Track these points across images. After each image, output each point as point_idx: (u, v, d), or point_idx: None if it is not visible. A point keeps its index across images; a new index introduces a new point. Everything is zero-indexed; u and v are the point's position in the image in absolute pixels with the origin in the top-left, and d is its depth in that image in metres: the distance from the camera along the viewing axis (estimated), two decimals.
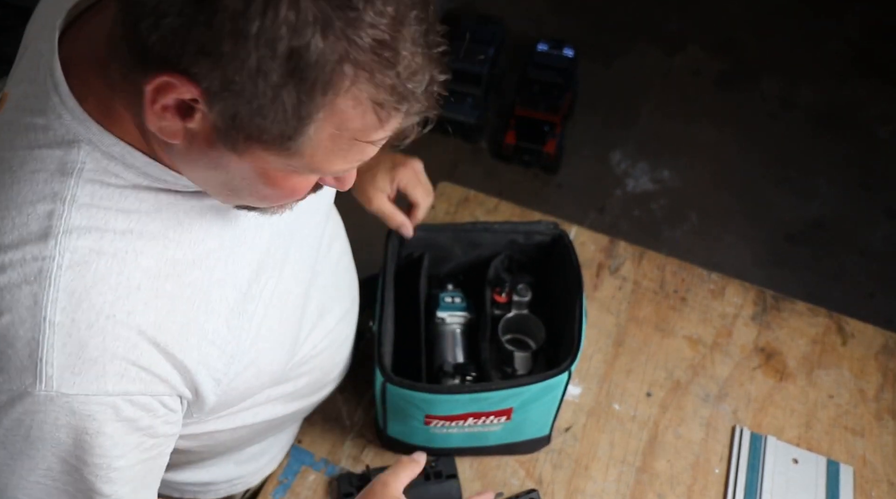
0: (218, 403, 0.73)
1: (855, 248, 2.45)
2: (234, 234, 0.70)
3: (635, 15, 3.12)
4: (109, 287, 0.60)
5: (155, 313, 0.63)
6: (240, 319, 0.70)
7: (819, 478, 1.07)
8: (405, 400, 0.94)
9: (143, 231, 0.63)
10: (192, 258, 0.66)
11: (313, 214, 0.84)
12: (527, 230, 1.09)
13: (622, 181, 2.60)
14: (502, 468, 1.06)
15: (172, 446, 0.73)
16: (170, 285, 0.64)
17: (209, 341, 0.68)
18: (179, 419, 0.71)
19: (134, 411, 0.63)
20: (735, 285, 1.28)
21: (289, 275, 0.77)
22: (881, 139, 2.75)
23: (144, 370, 0.63)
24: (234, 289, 0.70)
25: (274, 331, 0.75)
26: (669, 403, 1.14)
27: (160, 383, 0.65)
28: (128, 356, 0.61)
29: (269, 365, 0.77)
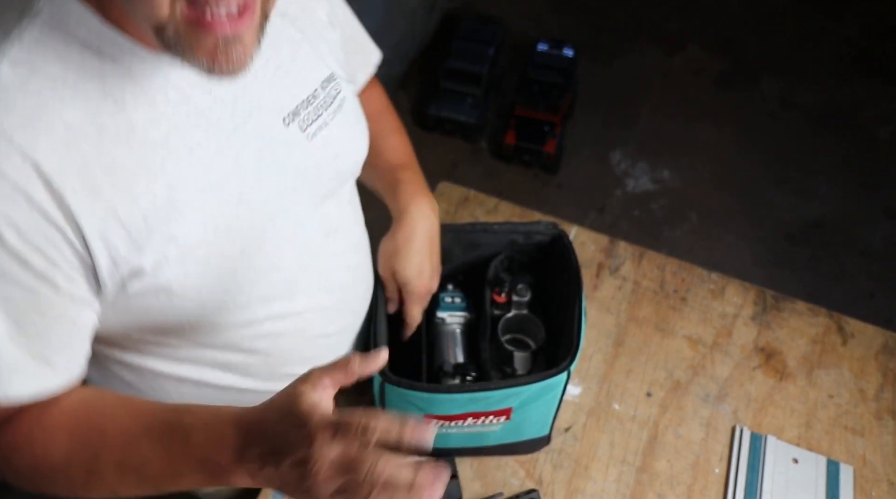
0: (118, 299, 0.70)
1: (855, 248, 2.45)
2: (184, 139, 0.69)
3: (635, 15, 3.12)
4: (19, 116, 0.61)
5: (59, 162, 0.62)
6: (162, 222, 0.68)
7: (819, 478, 1.07)
8: (404, 400, 0.94)
9: (78, 86, 0.63)
10: (126, 138, 0.65)
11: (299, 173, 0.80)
12: (526, 230, 1.09)
13: (622, 181, 2.60)
14: (502, 468, 1.06)
15: (86, 315, 0.69)
16: (88, 147, 0.63)
17: (118, 222, 0.66)
18: (85, 285, 0.67)
19: (22, 245, 0.62)
20: (735, 285, 1.28)
21: (244, 216, 0.75)
22: (881, 139, 2.75)
23: (36, 209, 0.62)
24: (166, 188, 0.68)
25: (209, 257, 0.72)
26: (669, 403, 1.14)
27: (55, 231, 0.63)
28: (18, 183, 0.61)
29: (196, 292, 0.73)
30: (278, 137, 0.77)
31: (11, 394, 0.67)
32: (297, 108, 0.79)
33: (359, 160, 0.90)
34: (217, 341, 0.84)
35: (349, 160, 0.88)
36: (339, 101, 0.84)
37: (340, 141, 0.85)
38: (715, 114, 2.79)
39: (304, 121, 0.80)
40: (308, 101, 0.80)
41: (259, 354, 0.88)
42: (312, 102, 0.81)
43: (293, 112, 0.79)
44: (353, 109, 0.88)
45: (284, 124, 0.78)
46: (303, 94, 0.80)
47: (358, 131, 0.89)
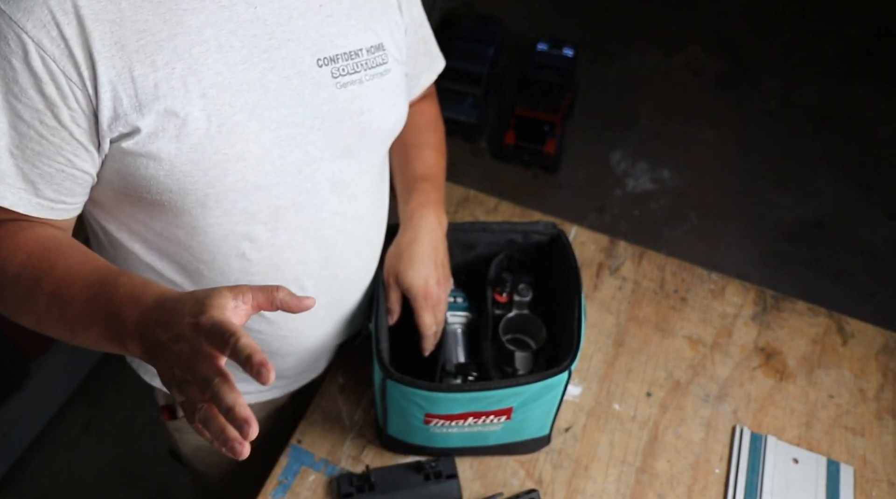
0: (111, 154, 0.74)
1: (855, 247, 2.45)
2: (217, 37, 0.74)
3: (635, 15, 3.12)
4: None
5: (99, 8, 0.69)
6: (171, 94, 0.72)
7: (819, 478, 1.07)
8: (405, 398, 0.94)
9: None
10: (165, 11, 0.71)
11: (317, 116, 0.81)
12: (525, 230, 1.09)
13: (622, 181, 2.60)
14: (502, 468, 1.06)
15: (83, 161, 0.74)
16: (127, 5, 0.70)
17: (131, 77, 0.71)
18: (87, 130, 0.72)
19: (43, 70, 0.69)
20: (735, 285, 1.28)
21: (252, 130, 0.77)
22: (881, 139, 2.75)
23: (64, 39, 0.68)
24: (186, 71, 0.73)
25: (206, 149, 0.75)
26: (669, 403, 1.14)
27: (73, 68, 0.69)
28: (55, 13, 0.68)
29: (183, 176, 0.76)
30: (308, 73, 0.80)
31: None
32: (335, 55, 0.82)
33: (385, 126, 0.89)
34: (191, 242, 0.84)
35: (374, 121, 0.87)
36: (382, 70, 0.86)
37: (370, 100, 0.86)
38: (715, 114, 2.79)
39: (339, 70, 0.83)
40: (350, 56, 0.83)
41: (227, 274, 0.87)
42: (354, 58, 0.83)
43: (330, 58, 0.82)
44: (395, 85, 0.89)
45: (318, 65, 0.81)
46: (345, 47, 0.83)
47: (392, 103, 0.89)
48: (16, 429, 1.87)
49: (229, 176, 0.78)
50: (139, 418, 2.00)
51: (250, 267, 0.87)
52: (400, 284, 1.00)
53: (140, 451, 1.96)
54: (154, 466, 1.93)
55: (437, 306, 1.02)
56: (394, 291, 1.01)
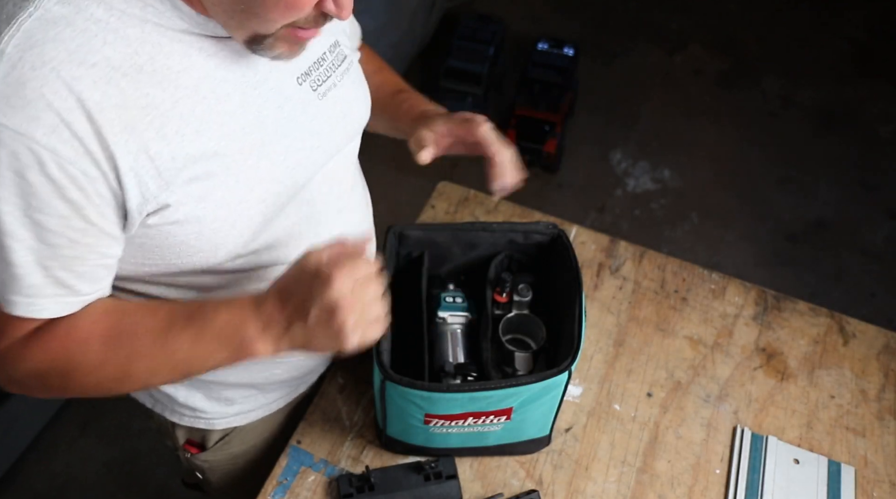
0: (146, 236, 0.74)
1: (856, 247, 2.44)
2: (214, 89, 0.73)
3: (635, 14, 3.12)
4: (66, 50, 0.65)
5: (101, 96, 0.66)
6: (191, 164, 0.72)
7: (820, 478, 1.07)
8: (404, 398, 0.93)
9: (119, 29, 0.67)
10: (161, 79, 0.70)
11: (312, 133, 0.84)
12: (525, 230, 1.08)
13: (622, 181, 2.59)
14: (502, 469, 1.06)
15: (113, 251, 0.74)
16: (126, 84, 0.68)
17: (148, 157, 0.70)
18: (115, 220, 0.72)
19: (62, 176, 0.66)
20: (736, 285, 1.28)
21: (265, 167, 0.79)
22: (882, 139, 2.74)
23: (77, 139, 0.66)
24: (196, 134, 0.72)
25: (231, 206, 0.76)
26: (670, 403, 1.14)
27: (91, 164, 0.67)
28: (62, 114, 0.65)
29: (212, 234, 0.77)
30: (293, 95, 0.82)
31: (34, 313, 0.73)
32: (308, 68, 0.84)
33: (363, 120, 0.94)
34: (220, 281, 0.86)
35: (357, 118, 0.92)
36: (346, 64, 0.89)
37: (348, 101, 0.89)
38: (716, 113, 2.79)
39: (316, 81, 0.85)
40: (318, 63, 0.85)
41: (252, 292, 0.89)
42: (322, 64, 0.86)
43: (305, 72, 0.83)
44: (358, 73, 0.94)
45: (298, 83, 0.83)
46: (313, 56, 0.85)
47: (362, 93, 0.94)
48: (14, 430, 1.87)
49: (255, 219, 0.80)
50: (137, 419, 2.00)
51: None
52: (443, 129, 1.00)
53: (138, 452, 1.96)
54: (152, 467, 1.93)
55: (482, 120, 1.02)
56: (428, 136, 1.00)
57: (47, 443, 1.95)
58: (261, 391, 1.05)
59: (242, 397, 1.04)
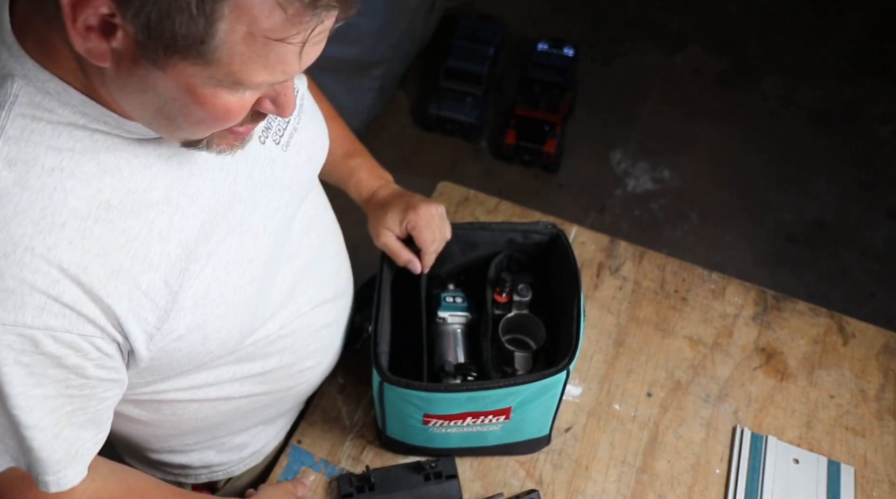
0: (154, 360, 0.73)
1: (856, 247, 2.44)
2: (184, 190, 0.70)
3: (635, 14, 3.11)
4: (31, 221, 0.61)
5: (80, 254, 0.63)
6: (181, 277, 0.70)
7: (820, 478, 1.07)
8: (403, 399, 0.93)
9: (76, 171, 0.63)
10: (131, 207, 0.66)
11: (284, 188, 0.82)
12: (524, 229, 1.08)
13: (622, 181, 2.59)
14: (502, 469, 1.06)
15: (113, 392, 0.73)
16: (100, 230, 0.64)
17: (142, 292, 0.67)
18: (118, 367, 0.71)
19: (58, 347, 0.64)
20: (736, 285, 1.28)
21: (249, 245, 0.76)
22: (882, 138, 2.74)
23: (68, 308, 0.63)
24: (179, 245, 0.69)
25: (227, 298, 0.74)
26: (670, 403, 1.14)
27: (87, 324, 0.65)
28: (48, 291, 0.62)
29: (217, 332, 0.76)
30: (259, 157, 0.78)
31: (64, 485, 0.73)
32: (268, 122, 0.80)
33: (325, 154, 0.92)
34: (234, 358, 0.85)
35: (319, 158, 0.90)
36: (299, 100, 0.85)
37: (310, 141, 0.87)
38: (715, 113, 2.79)
39: (276, 133, 0.81)
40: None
41: (274, 357, 0.90)
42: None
43: (265, 127, 0.80)
44: (311, 104, 0.90)
45: (261, 142, 0.79)
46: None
47: (320, 127, 0.91)
48: None
49: (252, 303, 0.79)
50: None
51: (289, 340, 0.90)
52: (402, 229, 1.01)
53: None
54: None
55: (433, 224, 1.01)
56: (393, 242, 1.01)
57: None
58: (269, 424, 1.06)
59: (252, 436, 1.05)
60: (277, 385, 0.95)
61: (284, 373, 0.93)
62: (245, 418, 0.97)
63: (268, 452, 1.08)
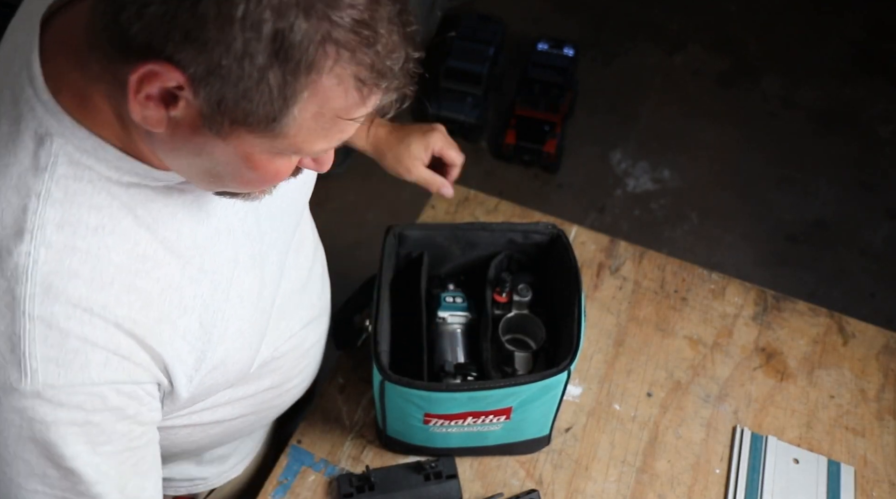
0: (188, 400, 0.74)
1: (856, 247, 2.44)
2: (207, 233, 0.71)
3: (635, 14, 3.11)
4: (84, 282, 0.62)
5: (128, 308, 0.64)
6: (213, 317, 0.71)
7: (820, 478, 1.07)
8: (404, 398, 0.93)
9: (115, 228, 0.64)
10: (164, 256, 0.67)
11: (284, 215, 0.83)
12: (524, 229, 1.08)
13: (622, 181, 2.59)
14: (502, 468, 1.06)
15: (157, 433, 0.74)
16: (141, 282, 0.65)
17: (181, 337, 0.69)
18: (159, 407, 0.72)
19: (121, 399, 0.65)
20: (736, 285, 1.28)
21: (258, 276, 0.78)
22: (882, 139, 2.74)
23: (126, 359, 0.64)
24: (210, 286, 0.71)
25: (243, 332, 0.76)
26: (670, 403, 1.14)
27: (142, 371, 0.66)
28: (108, 346, 0.63)
29: (235, 365, 0.77)
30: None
31: None
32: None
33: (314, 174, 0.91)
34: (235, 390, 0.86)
35: (311, 178, 0.90)
36: None
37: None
38: (716, 113, 2.79)
39: None
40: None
41: (266, 378, 0.90)
42: None
43: None
44: None
45: None
46: None
47: None
48: None
49: (261, 331, 0.81)
50: None
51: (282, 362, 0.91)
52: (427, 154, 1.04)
53: None
54: None
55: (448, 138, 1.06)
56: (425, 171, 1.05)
57: None
58: (250, 436, 1.06)
59: (233, 448, 1.05)
60: (266, 405, 0.95)
61: (274, 393, 0.94)
62: (230, 435, 0.97)
63: (248, 463, 1.09)
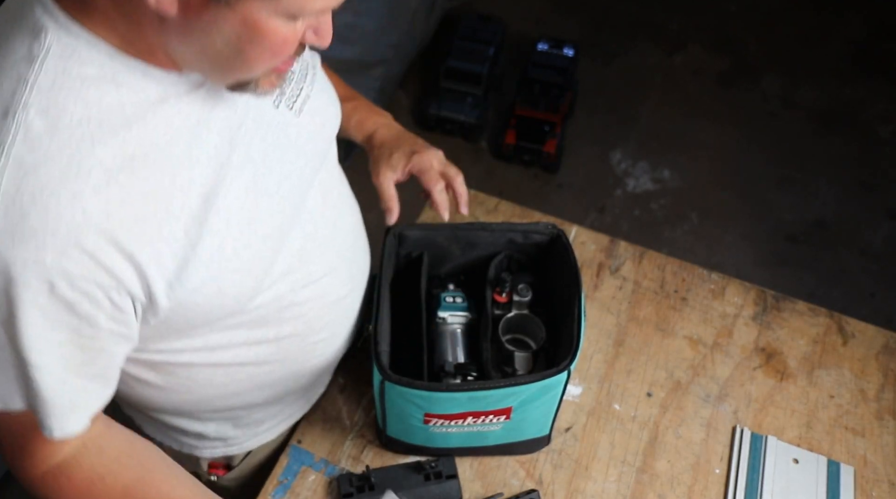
0: (172, 312, 0.75)
1: (856, 247, 2.44)
2: (203, 147, 0.72)
3: (635, 14, 3.12)
4: (58, 167, 0.63)
5: (105, 202, 0.65)
6: (200, 229, 0.72)
7: (820, 478, 1.07)
8: (404, 398, 0.93)
9: (103, 121, 0.65)
10: (154, 159, 0.68)
11: (298, 153, 0.84)
12: (525, 229, 1.08)
13: (622, 181, 2.59)
14: (502, 468, 1.06)
15: (122, 348, 0.75)
16: (125, 178, 0.66)
17: (164, 241, 0.70)
18: (129, 322, 0.72)
19: (73, 294, 0.66)
20: (735, 285, 1.28)
21: (263, 204, 0.79)
22: (882, 139, 2.74)
23: (87, 255, 0.65)
24: (199, 199, 0.72)
25: (239, 254, 0.76)
26: (670, 403, 1.14)
27: (105, 274, 0.67)
28: (69, 236, 0.64)
29: (232, 287, 0.78)
30: (273, 121, 0.81)
31: (68, 433, 0.74)
32: (281, 88, 0.83)
33: (338, 123, 0.94)
34: (247, 321, 0.86)
35: (332, 125, 0.92)
36: (312, 70, 0.88)
37: (323, 108, 0.89)
38: (716, 113, 2.79)
39: (290, 99, 0.84)
40: (288, 79, 0.84)
41: (287, 324, 0.91)
42: (291, 79, 0.84)
43: (279, 93, 0.82)
44: (322, 76, 0.92)
45: (275, 107, 0.82)
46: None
47: (332, 95, 0.93)
48: None
49: (265, 258, 0.81)
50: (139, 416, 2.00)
51: (303, 308, 0.91)
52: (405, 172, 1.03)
53: None
54: None
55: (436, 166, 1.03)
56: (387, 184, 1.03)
57: None
58: (286, 404, 1.06)
59: (270, 415, 1.05)
60: (291, 356, 0.95)
61: (297, 343, 0.94)
62: (261, 390, 0.97)
63: (283, 429, 1.09)
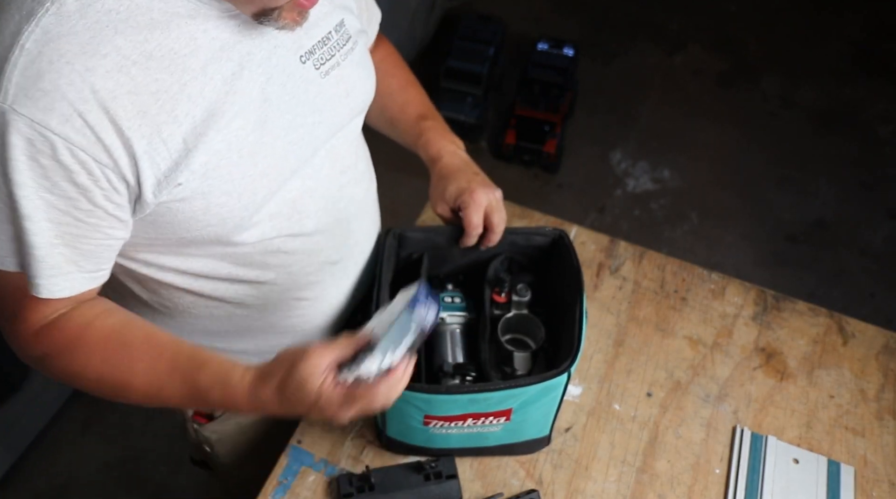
0: (158, 215, 0.78)
1: (856, 247, 2.45)
2: (220, 69, 0.76)
3: (635, 14, 3.12)
4: (79, 42, 0.68)
5: (114, 84, 0.70)
6: (198, 140, 0.75)
7: (820, 478, 1.07)
8: (403, 400, 0.93)
9: (129, 17, 0.70)
10: (169, 63, 0.72)
11: (314, 111, 0.87)
12: (526, 232, 1.08)
13: (622, 181, 2.60)
14: (502, 469, 1.06)
15: (118, 233, 0.78)
16: (137, 71, 0.71)
17: (161, 140, 0.73)
18: (124, 205, 0.76)
19: (73, 161, 0.70)
20: (735, 285, 1.28)
21: (267, 142, 0.82)
22: (882, 138, 2.75)
23: (89, 128, 0.69)
24: (204, 111, 0.75)
25: (234, 178, 0.79)
26: (670, 403, 1.14)
27: (103, 152, 0.71)
28: (76, 104, 0.68)
29: (219, 208, 0.80)
30: (296, 73, 0.84)
31: (55, 293, 0.77)
32: (312, 47, 0.86)
33: (366, 100, 0.97)
34: (232, 255, 0.89)
35: (359, 98, 0.95)
36: (350, 44, 0.91)
37: (351, 79, 0.92)
38: (715, 113, 2.79)
39: (319, 60, 0.87)
40: (323, 42, 0.87)
41: (271, 270, 0.93)
42: (327, 43, 0.88)
43: (309, 51, 0.86)
44: (363, 53, 0.95)
45: (301, 62, 0.85)
46: (318, 35, 0.87)
47: (367, 73, 0.96)
48: (15, 429, 1.87)
49: (258, 193, 0.83)
50: (138, 417, 2.00)
51: (288, 258, 0.93)
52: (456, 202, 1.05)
53: (139, 451, 1.96)
54: (153, 465, 1.93)
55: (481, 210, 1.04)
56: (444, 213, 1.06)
57: (49, 442, 1.96)
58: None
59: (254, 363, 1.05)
60: (270, 304, 0.97)
61: (278, 293, 0.96)
62: (241, 336, 1.00)
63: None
